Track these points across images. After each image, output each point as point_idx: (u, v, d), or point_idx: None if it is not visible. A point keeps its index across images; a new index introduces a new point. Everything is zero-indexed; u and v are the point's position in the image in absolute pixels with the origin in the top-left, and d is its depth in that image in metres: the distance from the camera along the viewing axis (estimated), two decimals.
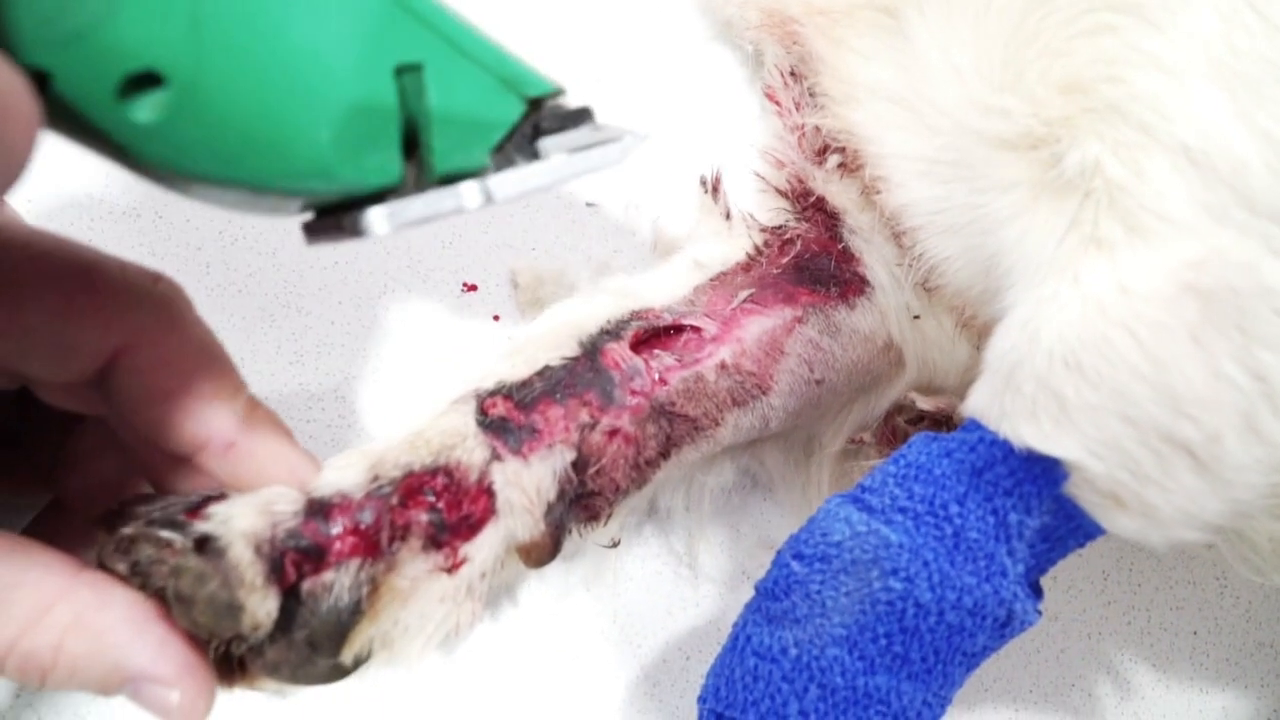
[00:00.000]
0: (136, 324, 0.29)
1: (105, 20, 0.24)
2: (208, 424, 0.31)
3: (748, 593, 0.38)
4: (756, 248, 0.45)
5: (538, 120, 0.31)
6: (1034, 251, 0.37)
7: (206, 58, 0.25)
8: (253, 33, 0.25)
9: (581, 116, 0.32)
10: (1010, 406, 0.36)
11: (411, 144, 0.29)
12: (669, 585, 0.49)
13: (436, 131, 0.29)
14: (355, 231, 0.29)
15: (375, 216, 0.28)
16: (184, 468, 0.32)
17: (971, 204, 0.39)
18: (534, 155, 0.31)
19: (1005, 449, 0.36)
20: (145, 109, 0.25)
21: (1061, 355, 0.35)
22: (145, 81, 0.25)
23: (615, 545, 0.46)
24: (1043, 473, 0.36)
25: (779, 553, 0.38)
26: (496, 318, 0.54)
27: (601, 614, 0.49)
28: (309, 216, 0.30)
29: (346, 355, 0.50)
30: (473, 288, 0.54)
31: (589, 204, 0.54)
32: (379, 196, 0.29)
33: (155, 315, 0.30)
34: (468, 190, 0.29)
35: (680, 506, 0.47)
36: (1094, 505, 0.36)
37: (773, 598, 0.37)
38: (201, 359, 0.31)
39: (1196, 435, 0.34)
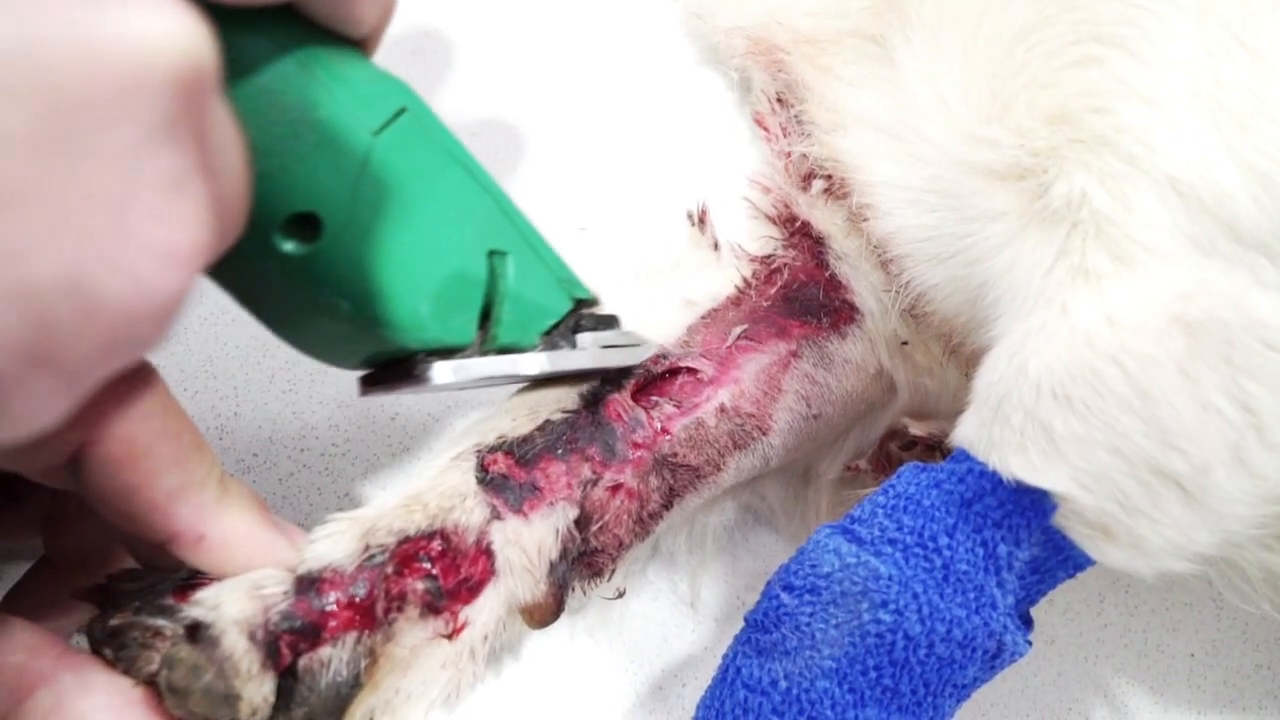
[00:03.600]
0: (102, 418, 0.28)
1: (291, 166, 0.30)
2: (174, 519, 0.30)
3: (742, 619, 0.38)
4: (745, 279, 0.45)
5: (579, 318, 0.39)
6: (1022, 281, 0.37)
7: (357, 215, 0.31)
8: (396, 201, 0.32)
9: (611, 321, 0.40)
10: (999, 438, 0.36)
11: (485, 314, 0.36)
12: (666, 612, 0.49)
13: (507, 308, 0.36)
14: (421, 380, 0.34)
15: (441, 369, 0.34)
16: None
17: (959, 233, 0.39)
18: (573, 345, 0.39)
19: (994, 480, 0.36)
20: (294, 243, 0.31)
21: (1049, 387, 0.35)
22: (302, 222, 0.30)
23: (620, 596, 0.45)
24: (1031, 504, 0.36)
25: (769, 584, 0.38)
26: None
27: (598, 640, 0.49)
28: (363, 371, 0.36)
29: (340, 383, 0.50)
30: None
31: (581, 229, 0.54)
32: (445, 354, 0.35)
33: (122, 408, 0.29)
34: (527, 359, 0.37)
35: (683, 548, 0.47)
36: (1083, 537, 0.36)
37: (762, 629, 0.37)
38: (169, 450, 0.30)
39: (1185, 468, 0.34)
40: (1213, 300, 0.33)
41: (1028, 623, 0.38)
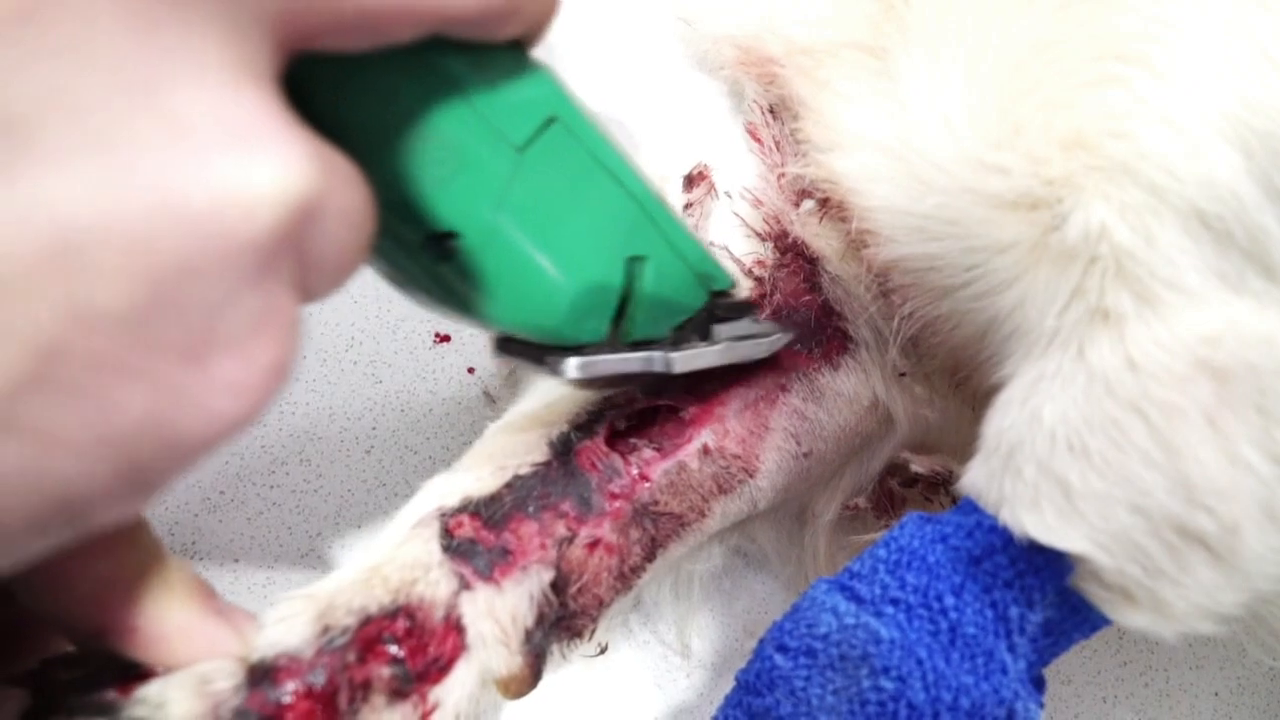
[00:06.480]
0: None
1: (433, 190, 0.30)
2: (103, 611, 0.27)
3: (738, 665, 0.36)
4: None
5: (714, 307, 0.39)
6: (1034, 320, 0.34)
7: (500, 231, 0.31)
8: (538, 216, 0.32)
9: (745, 309, 0.40)
10: (1010, 491, 0.33)
11: (619, 312, 0.35)
12: (657, 657, 0.47)
13: (641, 309, 0.35)
14: (553, 370, 0.34)
15: (572, 363, 0.34)
16: None
17: (966, 264, 0.36)
18: (706, 336, 0.39)
19: (1005, 537, 0.33)
20: (433, 258, 0.31)
21: (1065, 438, 0.32)
22: (443, 238, 0.31)
23: (602, 652, 0.42)
24: (1046, 564, 0.33)
25: (761, 642, 0.35)
26: (471, 370, 0.51)
27: (589, 687, 0.46)
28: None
29: (311, 416, 0.48)
30: (445, 338, 0.51)
31: None
32: (577, 349, 0.35)
33: None
34: (655, 357, 0.36)
35: (668, 597, 0.44)
36: (1101, 599, 0.33)
37: (754, 693, 0.35)
38: (96, 537, 0.26)
39: (1212, 526, 0.31)
40: (1242, 343, 0.30)
41: (1039, 685, 0.36)
